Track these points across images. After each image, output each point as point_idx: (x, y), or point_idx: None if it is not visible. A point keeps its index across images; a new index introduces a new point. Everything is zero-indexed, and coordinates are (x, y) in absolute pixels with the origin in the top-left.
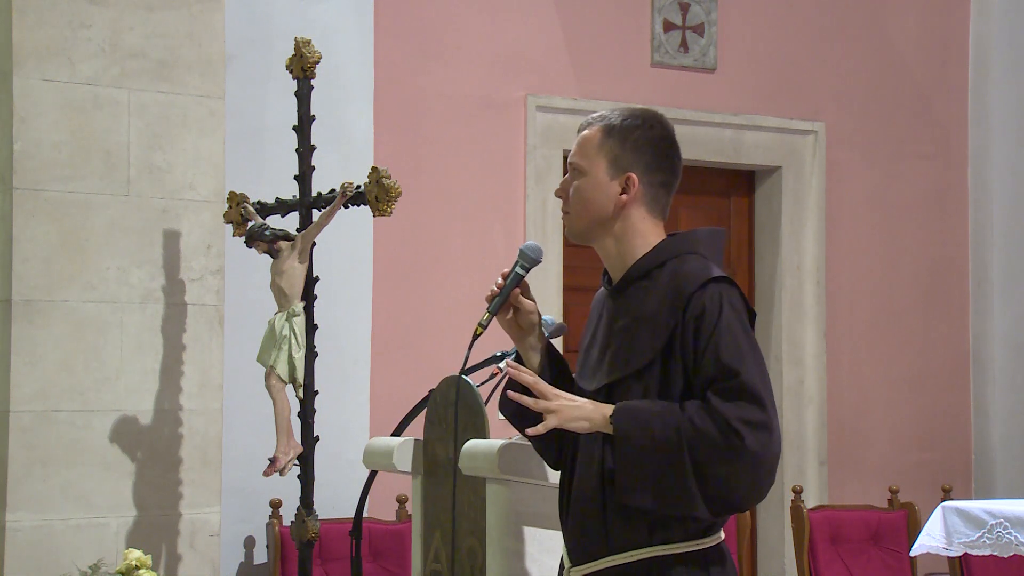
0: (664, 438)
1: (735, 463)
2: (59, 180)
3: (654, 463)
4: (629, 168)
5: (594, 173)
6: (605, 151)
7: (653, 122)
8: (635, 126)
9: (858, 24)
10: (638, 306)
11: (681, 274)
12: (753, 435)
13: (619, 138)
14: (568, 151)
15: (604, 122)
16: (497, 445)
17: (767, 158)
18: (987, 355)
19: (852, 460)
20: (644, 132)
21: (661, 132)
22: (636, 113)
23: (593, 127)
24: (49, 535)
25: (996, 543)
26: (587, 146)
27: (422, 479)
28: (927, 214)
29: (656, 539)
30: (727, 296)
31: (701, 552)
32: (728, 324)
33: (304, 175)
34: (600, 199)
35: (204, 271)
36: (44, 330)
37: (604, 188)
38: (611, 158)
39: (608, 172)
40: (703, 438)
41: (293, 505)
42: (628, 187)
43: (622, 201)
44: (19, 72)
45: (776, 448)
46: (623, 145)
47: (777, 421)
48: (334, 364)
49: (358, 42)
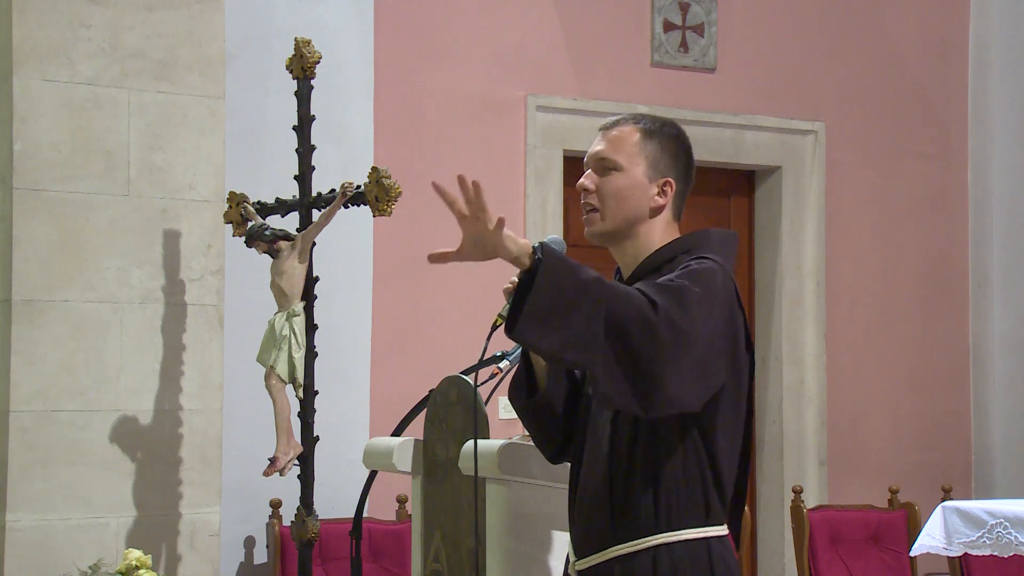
0: (586, 280)
1: (647, 329)
2: (59, 180)
3: (569, 300)
4: (667, 173)
5: (633, 172)
6: (647, 153)
7: (683, 134)
8: (674, 135)
9: (858, 24)
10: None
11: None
12: (670, 313)
13: (659, 142)
14: (568, 151)
15: (641, 124)
16: (497, 445)
17: (767, 158)
18: (987, 355)
19: (852, 460)
20: (681, 142)
21: (689, 144)
22: (670, 123)
23: (628, 126)
24: (49, 535)
25: (996, 543)
26: (624, 144)
27: (422, 479)
28: (927, 214)
29: (661, 526)
30: (718, 272)
31: (706, 540)
32: (692, 273)
33: (304, 175)
34: (637, 199)
35: (204, 271)
36: (44, 330)
37: (642, 189)
38: (651, 160)
39: (647, 173)
40: (622, 296)
41: (293, 505)
42: (665, 191)
43: (657, 204)
44: (19, 72)
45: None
46: (663, 150)
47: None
48: (334, 364)
49: (358, 42)
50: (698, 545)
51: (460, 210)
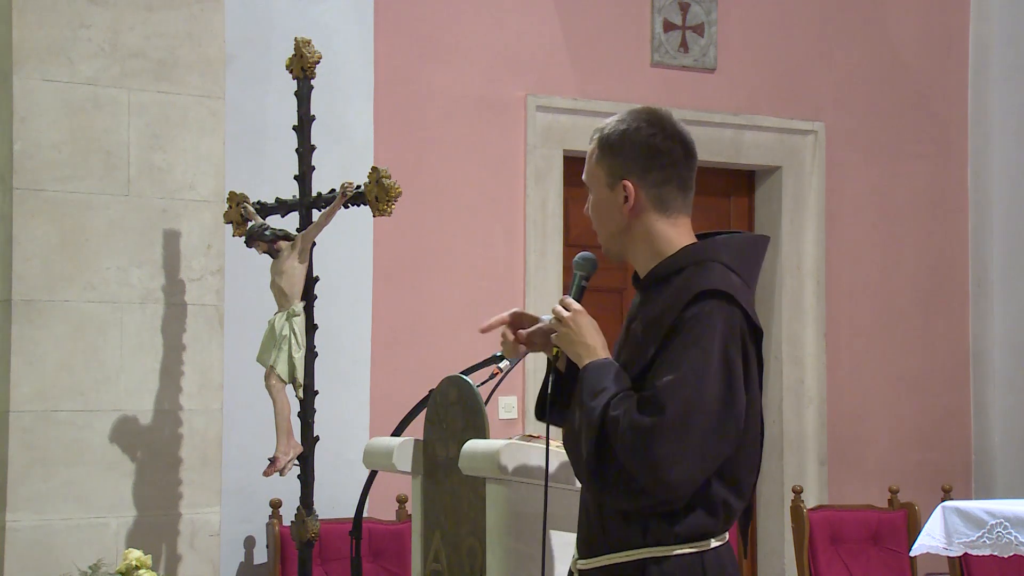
0: (590, 416)
1: (623, 460)
2: (59, 180)
3: (578, 428)
4: (624, 175)
5: (597, 189)
6: (603, 164)
7: (640, 122)
8: (622, 131)
9: (858, 24)
10: (650, 310)
11: (686, 284)
12: (632, 436)
13: (610, 147)
14: (568, 151)
15: (599, 134)
16: (497, 445)
17: (767, 158)
18: (987, 355)
19: (852, 460)
20: (632, 135)
21: (649, 130)
22: (625, 117)
23: (592, 141)
24: (49, 535)
25: (996, 543)
26: (589, 163)
27: (422, 479)
28: (927, 214)
29: (650, 540)
30: (719, 314)
31: (698, 555)
32: (691, 339)
33: (304, 175)
34: (609, 213)
35: (204, 271)
36: (44, 330)
37: (609, 202)
38: (607, 169)
39: (607, 184)
40: (613, 431)
41: (293, 505)
42: (627, 195)
43: (626, 210)
44: (19, 72)
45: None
46: (614, 153)
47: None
48: (334, 364)
49: (358, 42)
50: (692, 559)
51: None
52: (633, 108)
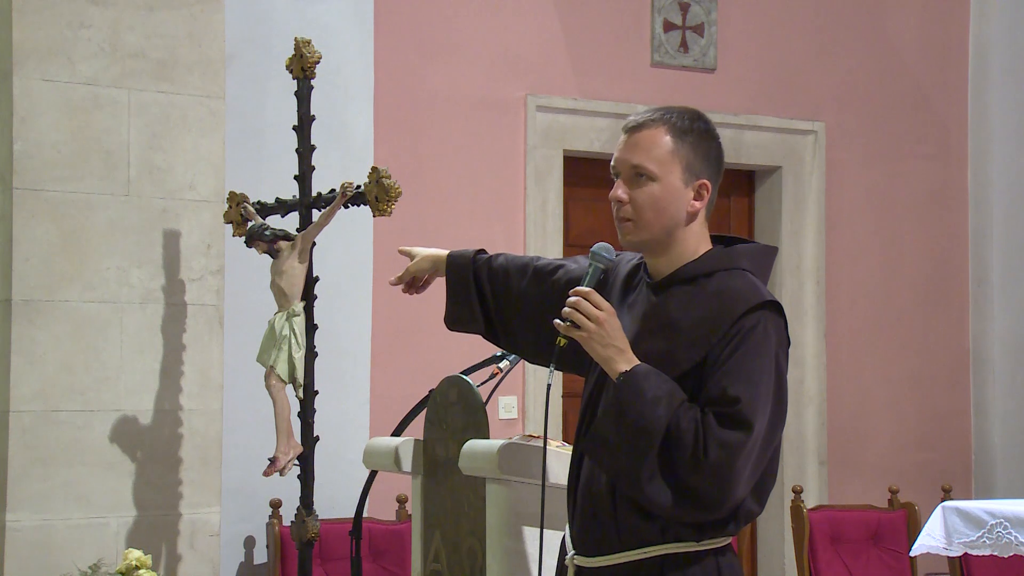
0: (646, 426)
1: (690, 476)
2: (59, 180)
3: (627, 438)
4: (702, 175)
5: (669, 180)
6: (680, 157)
7: (712, 127)
8: (704, 131)
9: (858, 24)
10: (679, 311)
11: (730, 291)
12: (719, 452)
13: (692, 142)
14: (568, 151)
15: (669, 123)
16: (497, 445)
17: (767, 158)
18: (987, 355)
19: (852, 460)
20: (713, 137)
21: (718, 136)
22: (698, 116)
23: (656, 127)
24: (49, 535)
25: (996, 543)
26: (655, 149)
27: (422, 479)
28: (927, 214)
29: (669, 536)
30: (772, 326)
31: (713, 551)
32: (755, 350)
33: (304, 175)
34: (675, 207)
35: (204, 271)
36: (44, 330)
37: (680, 195)
38: (685, 164)
39: (683, 178)
40: (678, 443)
41: (293, 505)
42: (702, 195)
43: (694, 208)
44: (19, 72)
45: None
46: (696, 151)
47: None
48: (334, 364)
49: (358, 42)
50: (706, 556)
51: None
52: (685, 108)
